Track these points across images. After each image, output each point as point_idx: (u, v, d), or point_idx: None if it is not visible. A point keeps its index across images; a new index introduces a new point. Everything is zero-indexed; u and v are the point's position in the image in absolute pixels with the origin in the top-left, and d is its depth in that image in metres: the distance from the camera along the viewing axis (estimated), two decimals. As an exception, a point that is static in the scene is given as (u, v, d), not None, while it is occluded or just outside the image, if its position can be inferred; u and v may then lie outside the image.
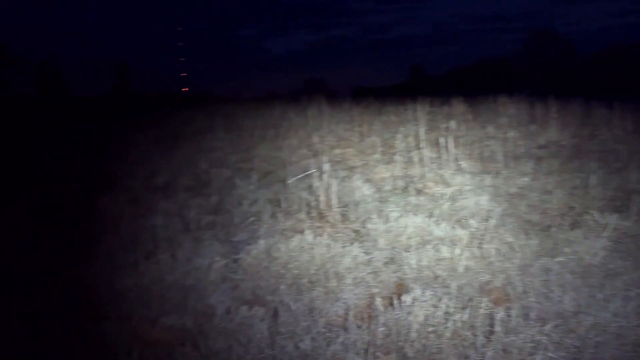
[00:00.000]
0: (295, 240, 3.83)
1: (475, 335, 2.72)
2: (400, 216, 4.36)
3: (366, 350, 2.70)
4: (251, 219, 4.71)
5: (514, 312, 2.86)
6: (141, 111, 12.48)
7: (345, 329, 2.87)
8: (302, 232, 4.05)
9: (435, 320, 2.82)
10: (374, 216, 4.45)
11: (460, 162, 5.92)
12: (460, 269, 3.51)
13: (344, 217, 4.57)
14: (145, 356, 2.67)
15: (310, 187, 5.00)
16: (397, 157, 6.18)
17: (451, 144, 6.04)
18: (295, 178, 5.11)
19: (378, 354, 2.68)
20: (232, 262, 3.77)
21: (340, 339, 2.75)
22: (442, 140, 6.09)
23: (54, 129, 10.11)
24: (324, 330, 2.87)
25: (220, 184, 6.09)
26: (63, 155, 7.38)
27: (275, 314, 3.02)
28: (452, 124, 6.84)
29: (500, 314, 2.78)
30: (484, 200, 4.72)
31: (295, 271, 3.52)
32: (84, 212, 4.91)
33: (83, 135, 9.44)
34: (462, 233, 4.05)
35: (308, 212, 4.58)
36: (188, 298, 3.29)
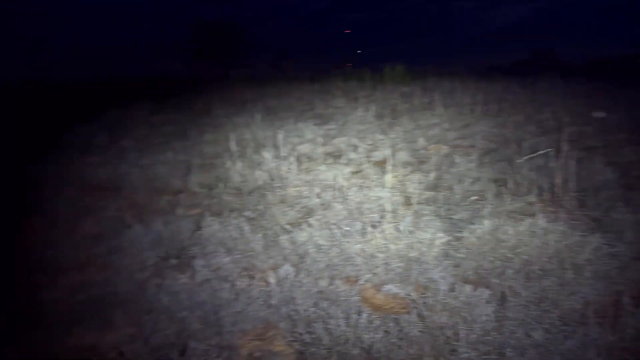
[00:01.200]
0: (525, 224, 3.57)
1: None
2: (657, 206, 3.72)
3: (610, 351, 2.41)
4: (473, 197, 4.57)
5: None
6: (368, 87, 13.12)
7: (584, 325, 2.60)
8: (532, 215, 3.77)
9: None
10: (620, 204, 3.88)
11: None
12: None
13: (582, 203, 4.09)
14: (372, 318, 2.84)
15: (541, 167, 4.60)
16: (651, 137, 5.26)
17: None
18: (526, 157, 4.76)
19: (626, 357, 2.37)
20: (454, 240, 3.74)
21: (579, 335, 2.50)
22: None
23: (288, 103, 11.37)
24: (558, 322, 2.65)
25: (438, 160, 6.05)
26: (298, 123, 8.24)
27: (502, 298, 2.90)
28: None
29: None
30: None
31: (524, 256, 3.31)
32: (318, 181, 5.42)
33: (309, 108, 10.41)
34: None
35: (539, 195, 4.22)
36: (411, 269, 3.38)
